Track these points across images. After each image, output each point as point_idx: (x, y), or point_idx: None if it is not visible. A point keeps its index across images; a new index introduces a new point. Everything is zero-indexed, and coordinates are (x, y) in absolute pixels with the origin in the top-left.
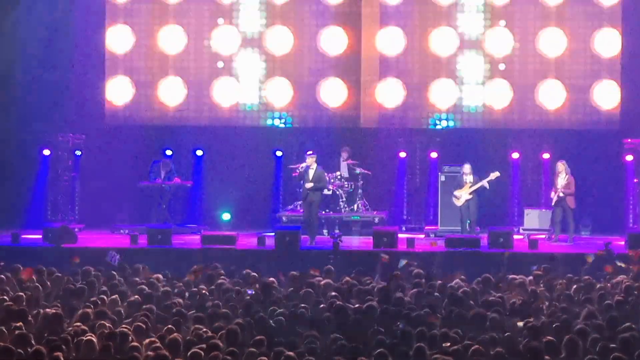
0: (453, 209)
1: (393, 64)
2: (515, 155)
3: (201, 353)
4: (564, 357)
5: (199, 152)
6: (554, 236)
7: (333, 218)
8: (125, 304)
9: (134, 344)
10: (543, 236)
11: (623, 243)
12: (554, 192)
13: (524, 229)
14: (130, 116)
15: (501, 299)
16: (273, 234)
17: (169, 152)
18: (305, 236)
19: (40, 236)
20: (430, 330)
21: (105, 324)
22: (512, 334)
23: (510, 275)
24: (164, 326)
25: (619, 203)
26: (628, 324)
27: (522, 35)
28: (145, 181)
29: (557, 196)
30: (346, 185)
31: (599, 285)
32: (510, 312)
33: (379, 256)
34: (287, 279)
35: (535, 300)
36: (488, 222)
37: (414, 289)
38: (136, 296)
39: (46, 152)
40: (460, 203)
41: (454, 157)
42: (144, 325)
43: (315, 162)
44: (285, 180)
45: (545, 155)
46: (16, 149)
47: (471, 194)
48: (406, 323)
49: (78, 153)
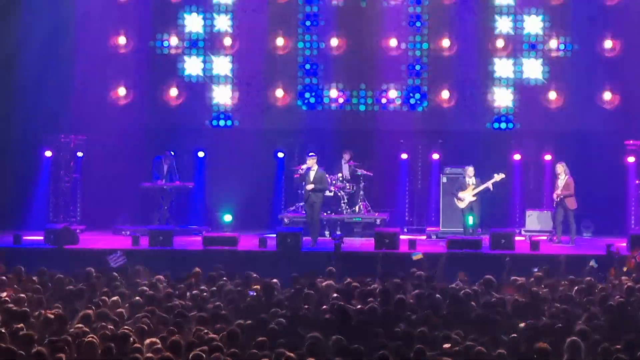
0: (455, 211)
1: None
2: (517, 157)
3: (202, 355)
4: (566, 359)
5: (200, 154)
6: (555, 237)
7: (334, 219)
8: (127, 305)
9: (136, 346)
10: (545, 237)
11: (625, 244)
12: (555, 194)
13: (525, 231)
14: (132, 117)
15: (502, 301)
16: (275, 235)
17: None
18: (307, 238)
19: (42, 237)
20: (431, 332)
21: (107, 325)
22: (514, 335)
23: (512, 277)
24: (166, 328)
25: (620, 204)
26: (630, 325)
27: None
28: (147, 182)
29: (557, 197)
30: (348, 187)
31: (600, 287)
32: (512, 314)
33: (379, 255)
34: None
35: (536, 301)
36: (490, 224)
37: (415, 290)
38: (137, 297)
39: (48, 153)
40: (463, 205)
41: (455, 159)
42: (146, 327)
43: (316, 164)
44: (287, 182)
45: (547, 157)
46: (18, 150)
47: (475, 196)
48: (407, 325)
49: (80, 154)
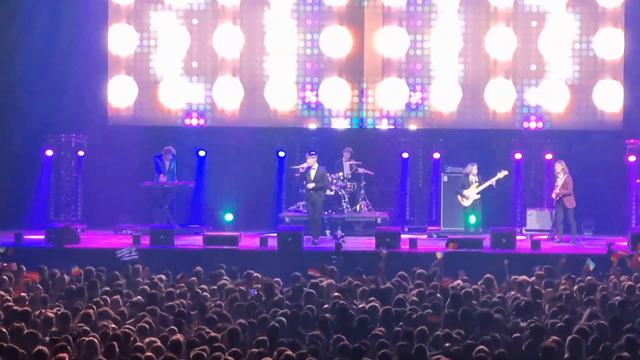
0: (456, 209)
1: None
2: (518, 156)
3: (204, 354)
4: (567, 358)
5: (201, 153)
6: (556, 237)
7: (335, 218)
8: (128, 304)
9: (137, 345)
10: (545, 237)
11: (626, 244)
12: (554, 193)
13: (526, 230)
14: (133, 116)
15: (503, 300)
16: (276, 234)
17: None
18: (308, 237)
19: (43, 237)
20: (432, 331)
21: (108, 324)
22: (515, 334)
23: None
24: (167, 327)
25: (621, 204)
26: (630, 324)
27: (524, 35)
28: (148, 182)
29: (556, 197)
30: (349, 186)
31: (601, 286)
32: (513, 313)
33: (380, 252)
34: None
35: (537, 300)
36: (490, 223)
37: (416, 290)
38: (138, 297)
39: (49, 153)
40: (468, 203)
41: (456, 158)
42: (147, 326)
43: (317, 162)
44: (288, 181)
45: (548, 156)
46: (19, 149)
47: (479, 194)
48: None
49: (81, 153)
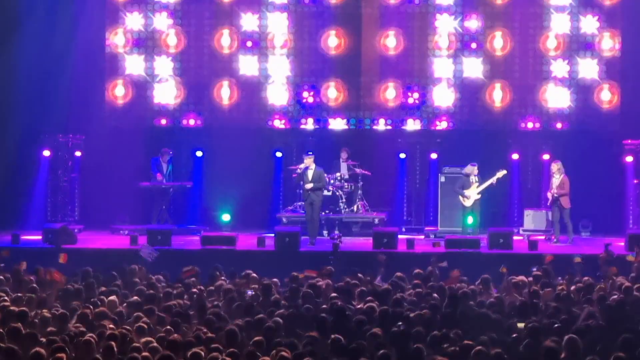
0: (453, 210)
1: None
2: (515, 156)
3: (201, 354)
4: (564, 358)
5: (198, 153)
6: (554, 237)
7: (333, 219)
8: (125, 304)
9: (135, 345)
10: (543, 237)
11: (623, 244)
12: (549, 193)
13: (523, 230)
14: (131, 117)
15: (500, 300)
16: (273, 235)
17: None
18: (305, 237)
19: (40, 237)
20: (429, 331)
21: (105, 324)
22: (513, 334)
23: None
24: (164, 327)
25: (619, 204)
26: (628, 324)
27: (523, 36)
28: (146, 182)
29: (552, 197)
30: (346, 186)
31: (598, 286)
32: (510, 313)
33: (379, 256)
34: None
35: (535, 300)
36: (488, 223)
37: (414, 290)
38: (135, 297)
39: (46, 153)
40: (469, 203)
41: (453, 158)
42: (146, 326)
43: (314, 163)
44: (285, 181)
45: (545, 156)
46: (16, 149)
47: (479, 194)
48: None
49: (78, 154)
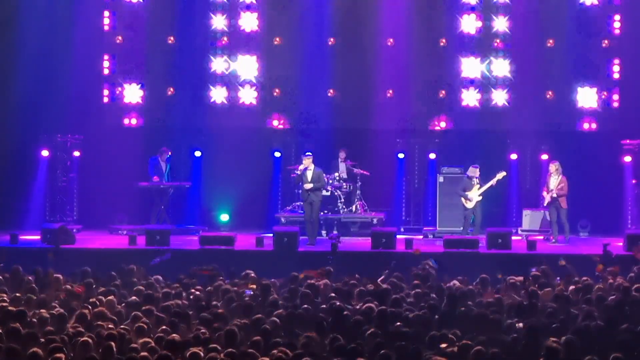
0: (451, 210)
1: None
2: (513, 157)
3: (200, 354)
4: (562, 358)
5: (197, 153)
6: (552, 237)
7: (331, 219)
8: (124, 304)
9: (133, 345)
10: (541, 237)
11: (621, 244)
12: (546, 192)
13: (522, 230)
14: (129, 117)
15: (499, 300)
16: (271, 235)
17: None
18: (304, 237)
19: (39, 237)
20: (427, 331)
21: (103, 325)
22: (511, 335)
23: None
24: (163, 327)
25: (617, 204)
26: (626, 325)
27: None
28: (144, 182)
29: (550, 197)
30: (344, 187)
31: (597, 286)
32: (508, 313)
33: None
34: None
35: (534, 301)
36: (486, 223)
37: (413, 290)
38: (134, 297)
39: (45, 153)
40: (472, 205)
41: (452, 158)
42: (145, 326)
43: (312, 163)
44: (284, 181)
45: (544, 157)
46: (14, 149)
47: (481, 195)
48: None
49: (76, 154)
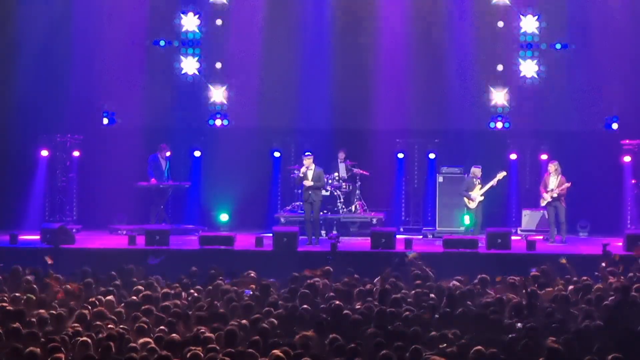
0: (451, 210)
1: None
2: (513, 157)
3: (199, 354)
4: (562, 358)
5: (196, 153)
6: (550, 237)
7: (331, 219)
8: (123, 304)
9: (133, 345)
10: (541, 237)
11: (621, 244)
12: (547, 193)
13: (521, 230)
14: (129, 117)
15: (498, 300)
16: (271, 234)
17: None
18: (303, 237)
19: (38, 237)
20: (426, 331)
21: (102, 325)
22: (511, 334)
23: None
24: (162, 327)
25: (616, 204)
26: (626, 325)
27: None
28: (144, 182)
29: (551, 197)
30: (344, 186)
31: (596, 286)
32: (508, 313)
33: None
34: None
35: (533, 301)
36: (486, 223)
37: (413, 290)
38: (133, 297)
39: (44, 153)
40: (474, 205)
41: (452, 159)
42: (145, 326)
43: (313, 163)
44: (283, 181)
45: (544, 157)
46: (14, 149)
47: (482, 195)
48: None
49: (76, 154)
